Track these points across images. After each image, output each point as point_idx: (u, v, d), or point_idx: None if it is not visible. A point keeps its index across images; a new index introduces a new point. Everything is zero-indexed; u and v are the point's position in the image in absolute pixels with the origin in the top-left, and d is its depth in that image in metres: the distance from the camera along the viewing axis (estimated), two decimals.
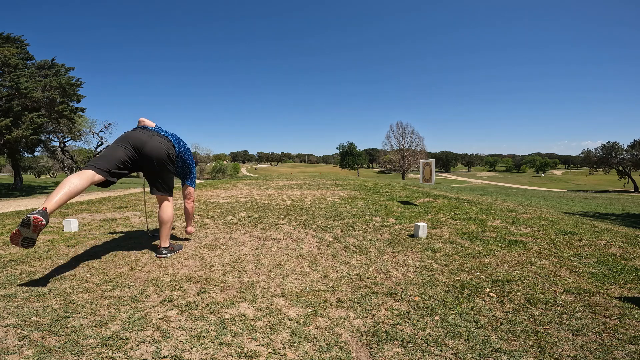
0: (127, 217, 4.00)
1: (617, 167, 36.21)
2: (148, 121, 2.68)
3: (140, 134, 2.44)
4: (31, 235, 1.77)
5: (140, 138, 2.40)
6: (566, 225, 3.35)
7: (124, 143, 2.37)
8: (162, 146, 2.46)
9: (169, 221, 2.58)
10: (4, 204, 10.49)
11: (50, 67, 17.27)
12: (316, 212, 4.40)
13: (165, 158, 2.48)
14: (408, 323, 1.58)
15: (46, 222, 1.77)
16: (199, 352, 1.34)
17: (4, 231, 3.19)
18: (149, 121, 2.68)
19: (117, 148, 2.34)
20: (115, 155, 2.30)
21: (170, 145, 2.56)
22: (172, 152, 2.56)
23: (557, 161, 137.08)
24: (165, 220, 2.56)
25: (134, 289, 1.92)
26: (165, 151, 2.48)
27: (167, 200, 2.62)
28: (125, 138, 2.40)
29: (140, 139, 2.40)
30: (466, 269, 2.27)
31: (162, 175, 2.53)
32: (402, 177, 51.26)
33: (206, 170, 56.64)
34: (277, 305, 1.77)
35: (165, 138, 2.56)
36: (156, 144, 2.43)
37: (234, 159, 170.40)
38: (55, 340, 1.39)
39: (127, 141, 2.38)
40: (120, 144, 2.36)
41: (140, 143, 2.38)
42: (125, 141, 2.38)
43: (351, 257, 2.58)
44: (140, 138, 2.40)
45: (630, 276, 2.01)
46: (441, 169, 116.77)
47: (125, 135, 2.44)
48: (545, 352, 1.33)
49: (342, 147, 74.46)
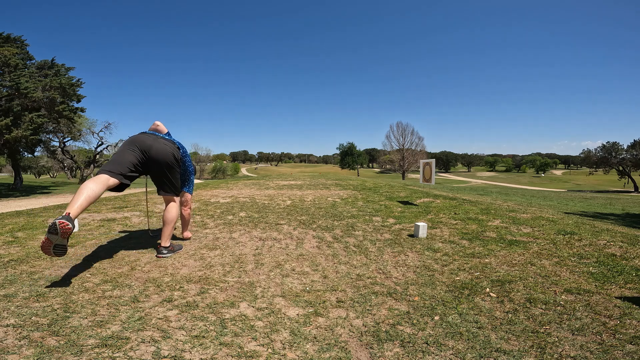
0: (127, 217, 4.00)
1: (617, 167, 36.21)
2: (162, 126, 2.73)
3: (146, 137, 2.52)
4: (61, 242, 1.78)
5: (146, 141, 2.48)
6: (566, 225, 3.35)
7: (131, 147, 2.43)
8: (167, 148, 2.54)
9: (173, 221, 2.62)
10: (4, 204, 10.48)
11: (50, 67, 17.28)
12: (316, 212, 4.40)
13: (172, 159, 2.56)
14: (408, 323, 1.58)
15: (72, 226, 1.79)
16: (199, 352, 1.34)
17: (4, 231, 3.19)
18: (162, 126, 2.74)
19: (126, 152, 2.39)
20: (126, 158, 2.35)
21: (175, 147, 2.65)
22: (177, 154, 2.64)
23: (557, 161, 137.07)
24: (170, 220, 2.61)
25: (134, 289, 1.92)
26: (171, 153, 2.56)
27: (173, 200, 2.67)
28: (132, 142, 2.46)
29: (146, 142, 2.47)
30: (466, 269, 2.27)
31: (168, 176, 2.59)
32: (402, 177, 51.26)
33: (206, 170, 56.62)
34: (277, 305, 1.77)
35: (170, 141, 2.63)
36: (162, 146, 2.51)
37: (234, 159, 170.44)
38: (55, 340, 1.39)
39: (134, 145, 2.44)
40: (128, 148, 2.42)
41: (147, 146, 2.45)
42: (132, 145, 2.44)
43: (351, 257, 2.58)
44: (146, 141, 2.48)
45: (630, 276, 2.01)
46: (441, 169, 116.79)
47: (132, 139, 2.50)
48: (545, 352, 1.33)
49: (342, 147, 74.46)
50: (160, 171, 2.54)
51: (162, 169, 2.53)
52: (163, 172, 2.55)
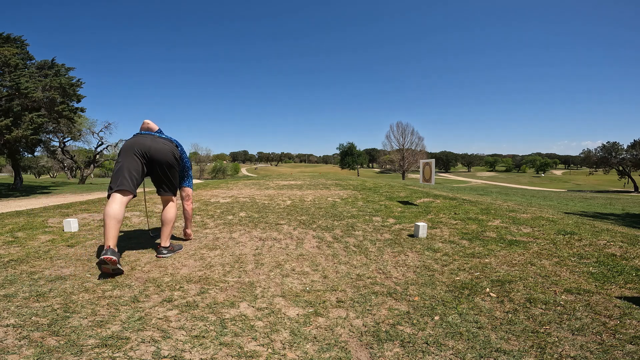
0: (127, 217, 4.00)
1: (617, 167, 36.19)
2: (152, 124, 2.69)
3: (143, 139, 2.48)
4: (115, 267, 2.07)
5: (145, 143, 2.44)
6: (566, 225, 3.35)
7: (131, 153, 2.39)
8: (166, 147, 2.52)
9: (172, 221, 2.62)
10: (4, 204, 10.48)
11: (51, 67, 17.27)
12: (316, 212, 4.40)
13: (172, 158, 2.55)
14: (408, 323, 1.58)
15: (114, 257, 2.05)
16: (199, 352, 1.34)
17: (4, 231, 3.19)
18: (152, 124, 2.69)
19: (128, 160, 2.36)
20: (131, 168, 2.35)
21: (174, 146, 2.63)
22: (177, 152, 2.63)
23: (557, 161, 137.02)
24: (169, 219, 2.61)
25: (134, 289, 1.92)
26: (170, 152, 2.54)
27: (171, 200, 2.68)
28: (130, 148, 2.41)
29: (145, 144, 2.44)
30: (466, 269, 2.27)
31: (168, 176, 2.58)
32: (402, 177, 51.26)
33: (206, 170, 56.61)
34: (277, 305, 1.77)
35: (168, 140, 2.62)
36: (161, 146, 2.49)
37: (234, 159, 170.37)
38: (55, 340, 1.39)
39: (133, 150, 2.40)
40: (128, 155, 2.37)
41: (146, 148, 2.42)
42: (131, 151, 2.39)
43: (351, 257, 2.58)
44: (145, 143, 2.44)
45: (630, 276, 2.01)
46: (441, 169, 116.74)
47: (129, 144, 2.44)
48: (545, 352, 1.33)
49: (342, 147, 74.44)
50: (161, 171, 2.53)
51: (162, 168, 2.52)
52: (164, 172, 2.55)
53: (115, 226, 2.20)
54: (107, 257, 2.04)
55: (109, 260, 2.04)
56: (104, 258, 2.04)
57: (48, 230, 3.29)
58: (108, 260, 2.04)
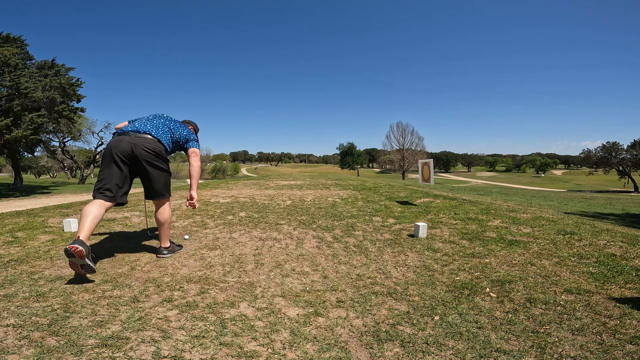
0: (127, 217, 4.00)
1: (617, 167, 36.18)
2: (121, 124, 2.60)
3: (119, 142, 2.31)
4: (82, 262, 1.89)
5: (122, 146, 2.29)
6: (566, 225, 3.35)
7: (110, 158, 2.28)
8: (147, 145, 2.34)
9: (167, 221, 2.54)
10: (4, 204, 10.48)
11: (51, 67, 17.26)
12: (316, 212, 4.40)
13: (154, 157, 2.38)
14: (408, 323, 1.58)
15: (82, 247, 1.87)
16: (199, 352, 1.34)
17: (4, 231, 3.19)
18: (122, 124, 2.60)
19: (110, 167, 2.27)
20: (112, 175, 2.26)
21: (155, 141, 2.41)
22: (159, 147, 2.42)
23: (557, 161, 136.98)
24: (163, 221, 2.53)
25: (134, 289, 1.92)
26: (151, 150, 2.36)
27: (163, 203, 2.55)
28: (109, 152, 2.30)
29: (122, 147, 2.29)
30: (466, 269, 2.27)
31: (155, 176, 2.41)
32: (402, 177, 51.25)
33: (206, 170, 56.57)
34: (277, 305, 1.77)
35: (148, 135, 2.41)
36: (140, 147, 2.32)
37: (234, 159, 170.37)
38: (55, 340, 1.39)
39: (112, 155, 2.28)
40: (110, 161, 2.28)
41: (126, 150, 2.29)
42: (110, 156, 2.28)
43: (351, 257, 2.58)
44: (122, 146, 2.29)
45: (630, 276, 2.01)
46: (441, 169, 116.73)
47: (108, 148, 2.33)
48: (545, 352, 1.33)
49: (342, 147, 74.49)
50: (144, 171, 2.37)
51: (144, 168, 2.36)
52: (147, 172, 2.37)
53: (91, 221, 2.05)
54: (72, 246, 1.82)
55: (74, 250, 1.82)
56: (68, 247, 1.81)
57: (48, 230, 3.29)
58: (73, 250, 1.81)
